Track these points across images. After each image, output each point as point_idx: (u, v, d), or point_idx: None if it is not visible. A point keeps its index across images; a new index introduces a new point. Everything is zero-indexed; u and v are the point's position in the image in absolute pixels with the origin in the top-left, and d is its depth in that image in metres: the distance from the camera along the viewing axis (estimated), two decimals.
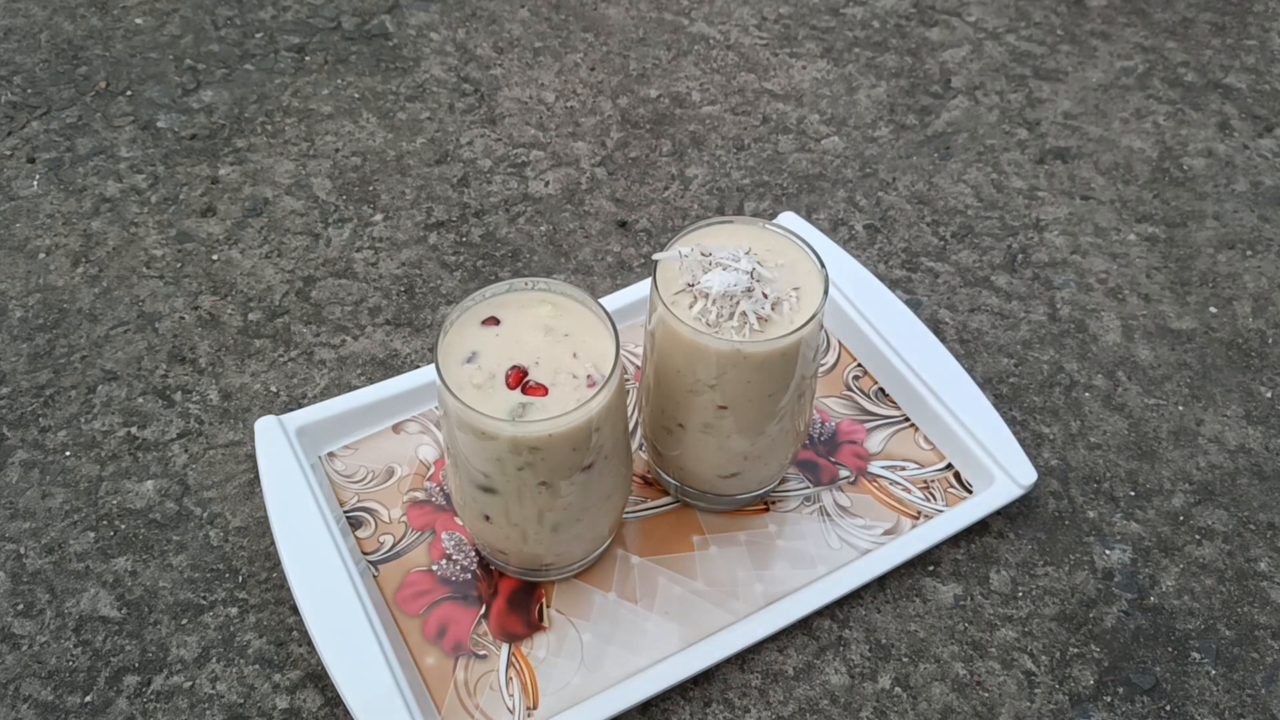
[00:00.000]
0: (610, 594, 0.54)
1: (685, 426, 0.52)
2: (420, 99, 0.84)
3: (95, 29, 0.89)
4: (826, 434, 0.61)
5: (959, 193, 0.79)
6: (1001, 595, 0.56)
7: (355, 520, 0.56)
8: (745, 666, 0.53)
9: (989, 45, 0.93)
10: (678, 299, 0.49)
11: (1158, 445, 0.63)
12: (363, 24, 0.91)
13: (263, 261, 0.71)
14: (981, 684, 0.53)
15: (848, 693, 0.52)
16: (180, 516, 0.58)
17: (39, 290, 0.69)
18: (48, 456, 0.60)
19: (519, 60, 0.89)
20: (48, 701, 0.50)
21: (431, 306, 0.69)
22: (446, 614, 0.53)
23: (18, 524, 0.57)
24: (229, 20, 0.91)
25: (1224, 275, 0.74)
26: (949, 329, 0.69)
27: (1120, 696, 0.52)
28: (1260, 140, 0.85)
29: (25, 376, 0.64)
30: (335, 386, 0.64)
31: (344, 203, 0.76)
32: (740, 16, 0.95)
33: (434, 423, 0.61)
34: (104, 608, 0.54)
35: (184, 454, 0.60)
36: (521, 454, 0.45)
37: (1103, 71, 0.91)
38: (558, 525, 0.49)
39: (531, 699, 0.50)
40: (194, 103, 0.83)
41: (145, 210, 0.75)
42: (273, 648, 0.53)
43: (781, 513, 0.58)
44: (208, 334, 0.67)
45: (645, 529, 0.57)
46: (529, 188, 0.78)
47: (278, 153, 0.79)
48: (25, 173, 0.77)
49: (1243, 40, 0.94)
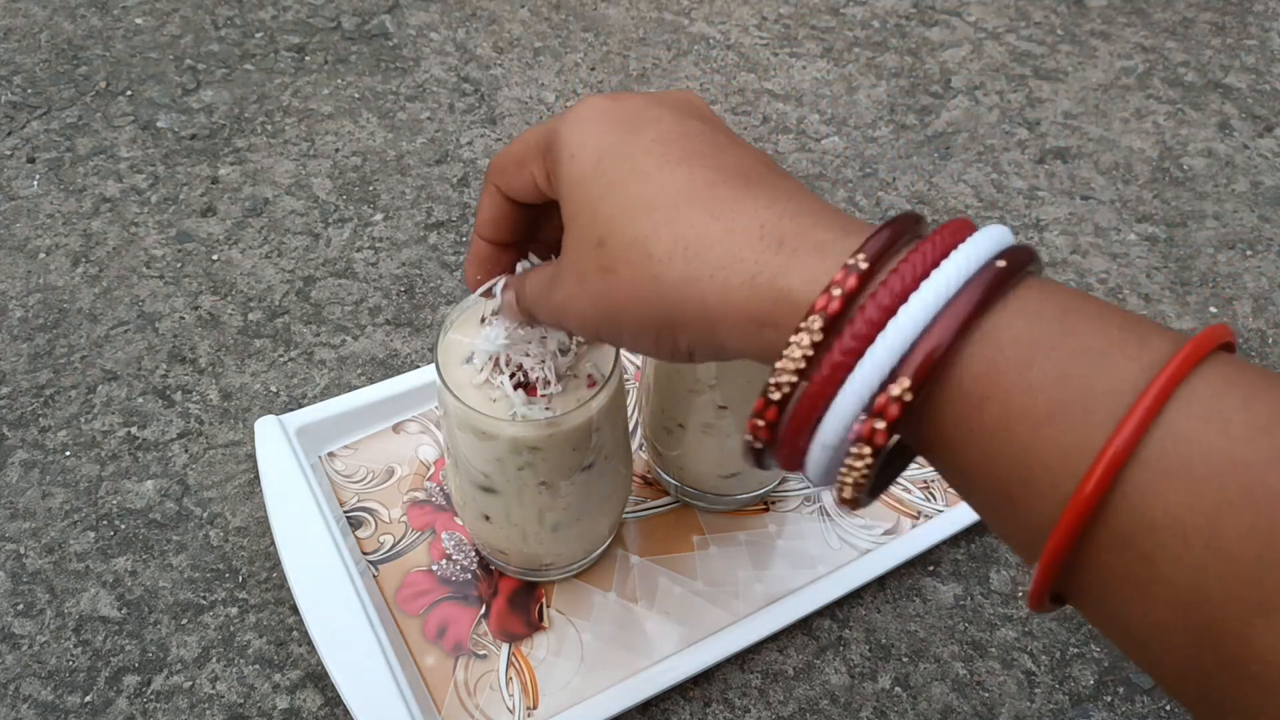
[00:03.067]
0: (610, 594, 0.54)
1: (685, 426, 0.52)
2: (420, 99, 0.84)
3: (95, 29, 0.89)
4: None
5: (959, 193, 0.79)
6: (1001, 595, 0.56)
7: (355, 520, 0.56)
8: (745, 666, 0.53)
9: (989, 45, 0.93)
10: None
11: None
12: (363, 24, 0.91)
13: (263, 261, 0.71)
14: (981, 684, 0.53)
15: (848, 693, 0.52)
16: (180, 516, 0.58)
17: (39, 290, 0.69)
18: (48, 456, 0.60)
19: (519, 60, 0.89)
20: (48, 701, 0.50)
21: (431, 306, 0.69)
22: (446, 614, 0.53)
23: (18, 524, 0.57)
24: (229, 20, 0.91)
25: (1224, 275, 0.74)
26: None
27: (1120, 696, 0.53)
28: (1260, 140, 0.85)
29: (25, 376, 0.64)
30: (335, 386, 0.64)
31: (344, 203, 0.76)
32: (740, 16, 0.95)
33: (434, 423, 0.61)
34: (104, 608, 0.54)
35: (184, 454, 0.60)
36: (521, 454, 0.45)
37: (1103, 71, 0.91)
38: (558, 525, 0.49)
39: (531, 699, 0.50)
40: (194, 103, 0.83)
41: (145, 210, 0.75)
42: (273, 648, 0.53)
43: (781, 513, 0.58)
44: (208, 334, 0.67)
45: (645, 529, 0.57)
46: None
47: (278, 153, 0.79)
48: (25, 173, 0.77)
49: (1243, 40, 0.94)
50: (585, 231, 0.32)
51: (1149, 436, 0.22)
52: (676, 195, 0.30)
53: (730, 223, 0.29)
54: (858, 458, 0.26)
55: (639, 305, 0.30)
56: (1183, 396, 0.22)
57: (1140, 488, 0.22)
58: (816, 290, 0.27)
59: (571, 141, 0.33)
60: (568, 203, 0.33)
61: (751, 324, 0.28)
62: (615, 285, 0.31)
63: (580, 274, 0.32)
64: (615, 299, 0.31)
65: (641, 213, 0.30)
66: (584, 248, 0.32)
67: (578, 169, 0.32)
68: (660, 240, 0.29)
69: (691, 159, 0.31)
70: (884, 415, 0.25)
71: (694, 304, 0.29)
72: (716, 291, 0.28)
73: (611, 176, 0.31)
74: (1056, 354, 0.24)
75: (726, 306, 0.28)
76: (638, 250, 0.30)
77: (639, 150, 0.31)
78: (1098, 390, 0.23)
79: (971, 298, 0.25)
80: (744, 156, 0.31)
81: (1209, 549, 0.22)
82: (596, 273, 0.31)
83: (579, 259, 0.32)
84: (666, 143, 0.31)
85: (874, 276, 0.26)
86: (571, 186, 0.32)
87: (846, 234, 0.28)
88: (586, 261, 0.32)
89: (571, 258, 0.33)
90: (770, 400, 0.27)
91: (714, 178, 0.30)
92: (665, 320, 0.30)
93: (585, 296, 0.32)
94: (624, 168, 0.31)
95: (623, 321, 0.31)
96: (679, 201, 0.30)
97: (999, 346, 0.25)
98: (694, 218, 0.29)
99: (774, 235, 0.28)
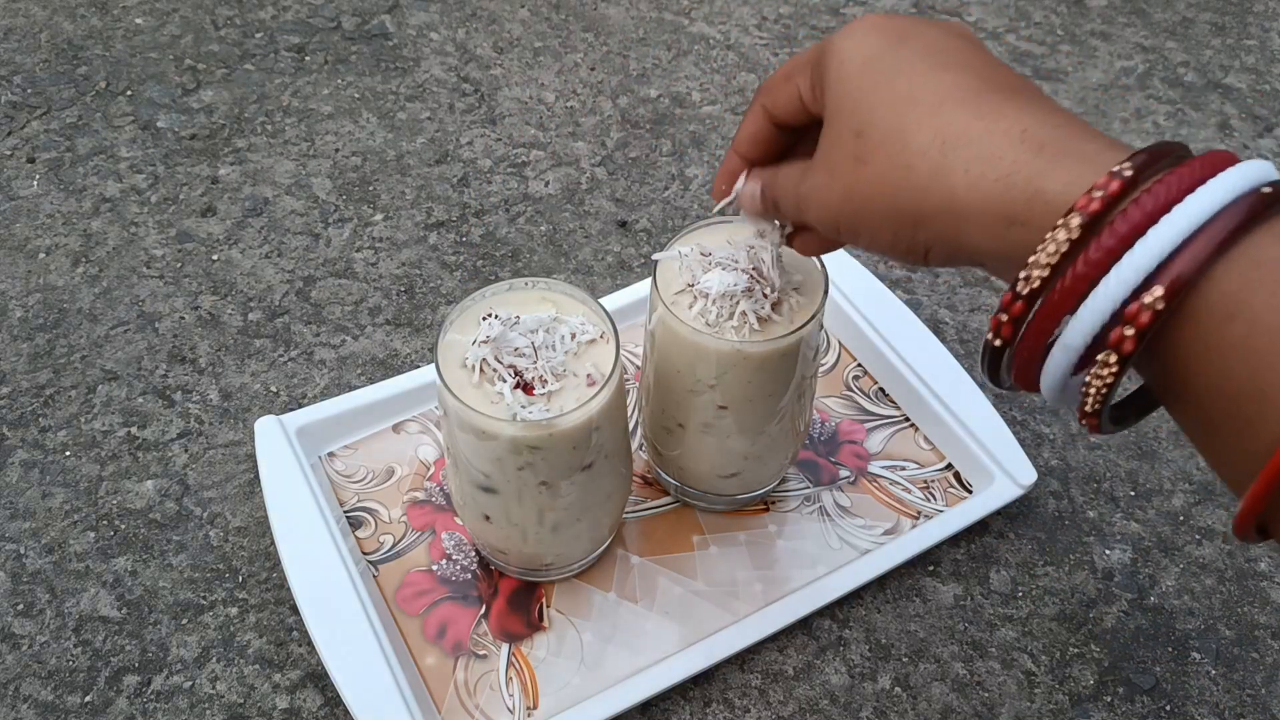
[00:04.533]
0: (610, 594, 0.54)
1: (685, 426, 0.52)
2: (420, 99, 0.84)
3: (95, 29, 0.89)
4: (826, 434, 0.61)
5: None
6: (1001, 595, 0.56)
7: (355, 520, 0.56)
8: (745, 666, 0.53)
9: (989, 45, 0.93)
10: (678, 299, 0.49)
11: (1158, 445, 0.63)
12: (363, 24, 0.91)
13: (263, 261, 0.71)
14: (981, 684, 0.53)
15: (848, 693, 0.52)
16: (180, 516, 0.58)
17: (39, 290, 0.69)
18: (48, 456, 0.60)
19: (519, 60, 0.89)
20: (48, 701, 0.50)
21: (431, 306, 0.69)
22: (446, 614, 0.53)
23: (18, 524, 0.57)
24: (229, 20, 0.91)
25: None
26: (949, 329, 0.69)
27: (1120, 696, 0.52)
28: (1260, 140, 0.85)
29: (25, 376, 0.64)
30: (335, 386, 0.64)
31: (344, 203, 0.76)
32: (740, 16, 0.95)
33: (434, 423, 0.61)
34: (104, 608, 0.54)
35: (184, 454, 0.60)
36: (521, 454, 0.45)
37: (1103, 71, 0.91)
38: (558, 525, 0.49)
39: (531, 699, 0.50)
40: (194, 103, 0.83)
41: (145, 210, 0.75)
42: (273, 648, 0.53)
43: (781, 513, 0.58)
44: (208, 334, 0.67)
45: (645, 529, 0.57)
46: (529, 188, 0.78)
47: (278, 153, 0.79)
48: (25, 173, 0.77)
49: (1243, 40, 0.94)
50: (845, 123, 0.32)
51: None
52: (942, 94, 0.30)
53: (993, 124, 0.29)
54: (1104, 365, 0.26)
55: (886, 195, 0.31)
56: None
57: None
58: (1077, 193, 0.27)
59: (843, 49, 0.33)
60: (831, 99, 0.33)
61: (1000, 221, 0.28)
62: (867, 175, 0.31)
63: (832, 164, 0.33)
64: (864, 189, 0.32)
65: (905, 106, 0.31)
66: (841, 138, 0.32)
67: (847, 69, 0.33)
68: (920, 133, 0.30)
69: (958, 67, 0.31)
70: (1134, 322, 0.25)
71: (943, 197, 0.29)
72: (969, 186, 0.28)
73: (878, 75, 0.32)
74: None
75: (977, 201, 0.28)
76: (895, 141, 0.30)
77: (908, 54, 0.32)
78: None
79: (1235, 216, 0.25)
80: (1011, 74, 0.32)
81: None
82: (850, 162, 0.32)
83: (834, 149, 0.33)
84: (936, 51, 0.32)
85: (1137, 185, 0.26)
86: (838, 84, 0.33)
87: (1110, 148, 0.28)
88: (841, 151, 0.32)
89: (826, 149, 0.33)
90: (1018, 295, 0.27)
91: (980, 85, 0.30)
92: (910, 213, 0.30)
93: (835, 186, 0.33)
94: (892, 69, 0.32)
95: (866, 212, 0.32)
96: (944, 100, 0.30)
97: (1255, 264, 0.24)
98: (956, 116, 0.30)
99: (1035, 139, 0.28)
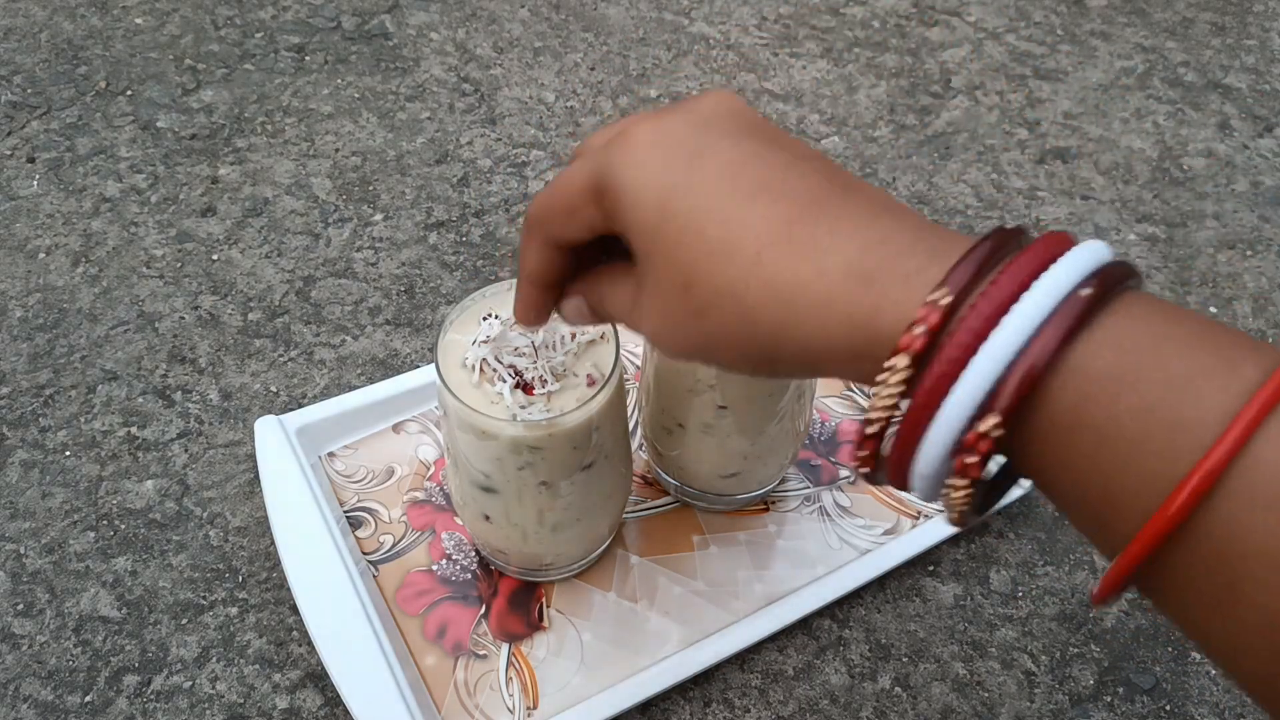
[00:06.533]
0: (610, 594, 0.54)
1: (685, 426, 0.52)
2: (420, 99, 0.85)
3: (95, 29, 0.89)
4: (826, 434, 0.61)
5: (959, 193, 0.79)
6: (1001, 595, 0.56)
7: (355, 520, 0.56)
8: (745, 666, 0.53)
9: (989, 45, 0.93)
10: None
11: None
12: (363, 24, 0.91)
13: (263, 261, 0.71)
14: (981, 684, 0.53)
15: (848, 693, 0.52)
16: (180, 516, 0.58)
17: (39, 290, 0.69)
18: (48, 456, 0.60)
19: (519, 60, 0.89)
20: (48, 701, 0.50)
21: (431, 306, 0.69)
22: (446, 614, 0.53)
23: (18, 524, 0.57)
24: (229, 20, 0.91)
25: (1224, 275, 0.74)
26: None
27: (1120, 696, 0.52)
28: (1260, 140, 0.85)
29: (25, 376, 0.64)
30: (335, 386, 0.64)
31: (344, 203, 0.76)
32: (740, 16, 0.95)
33: (434, 423, 0.61)
34: (104, 608, 0.54)
35: (184, 454, 0.60)
36: (521, 454, 0.45)
37: (1103, 71, 0.91)
38: (558, 525, 0.49)
39: (531, 699, 0.50)
40: (194, 103, 0.83)
41: (145, 210, 0.75)
42: (273, 648, 0.53)
43: (781, 513, 0.58)
44: (208, 334, 0.67)
45: (645, 529, 0.57)
46: (529, 188, 0.78)
47: (278, 153, 0.79)
48: (25, 173, 0.77)
49: (1243, 40, 0.94)
50: (667, 274, 0.32)
51: (1236, 466, 0.23)
52: (757, 240, 0.30)
53: (817, 262, 0.29)
54: (955, 488, 0.27)
55: (736, 345, 0.31)
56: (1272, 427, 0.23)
57: (1225, 517, 0.23)
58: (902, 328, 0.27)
59: (630, 184, 0.32)
60: (639, 244, 0.32)
61: (852, 359, 0.28)
62: (709, 327, 0.31)
63: (667, 312, 0.32)
64: (710, 339, 0.31)
65: (724, 259, 0.30)
66: (668, 290, 0.32)
67: (644, 214, 0.32)
68: (750, 288, 0.29)
69: (760, 192, 0.30)
70: (975, 450, 0.26)
71: (796, 344, 0.29)
72: (817, 332, 0.29)
73: (684, 220, 0.31)
74: (1144, 385, 0.24)
75: (828, 347, 0.29)
76: (728, 298, 0.30)
77: (706, 188, 0.31)
78: (1185, 421, 0.23)
79: (1057, 332, 0.25)
80: (808, 175, 0.31)
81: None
82: (687, 315, 0.31)
83: (664, 299, 0.32)
84: (731, 175, 0.31)
85: (963, 303, 0.26)
86: (642, 232, 0.32)
87: (933, 259, 0.27)
88: (673, 303, 0.32)
89: (654, 295, 0.32)
90: (866, 435, 0.28)
91: (789, 212, 0.30)
92: (765, 356, 0.30)
93: (678, 334, 0.32)
94: (695, 209, 0.31)
95: (715, 353, 0.32)
96: (762, 246, 0.29)
97: (1088, 379, 0.25)
98: (781, 262, 0.29)
99: (859, 272, 0.28)
